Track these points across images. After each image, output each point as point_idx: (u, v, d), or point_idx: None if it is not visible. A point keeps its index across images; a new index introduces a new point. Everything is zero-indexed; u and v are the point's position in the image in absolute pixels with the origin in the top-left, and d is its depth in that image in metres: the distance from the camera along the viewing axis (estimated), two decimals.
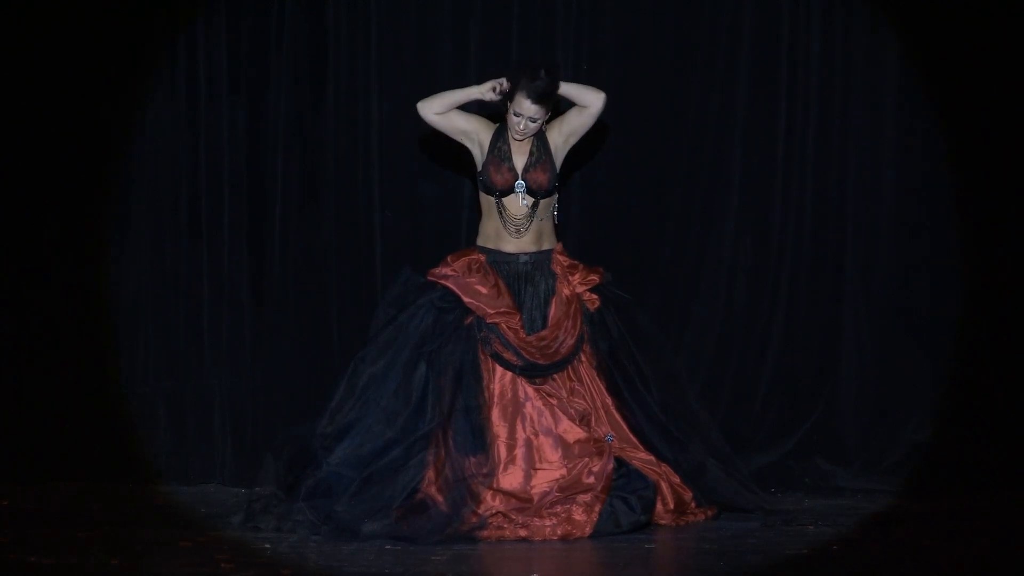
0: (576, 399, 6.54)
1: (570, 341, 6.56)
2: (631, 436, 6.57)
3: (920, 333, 7.60)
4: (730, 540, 6.11)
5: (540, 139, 6.64)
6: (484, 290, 6.55)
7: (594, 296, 6.67)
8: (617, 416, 6.59)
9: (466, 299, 6.54)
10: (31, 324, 7.57)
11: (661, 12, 7.65)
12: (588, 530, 6.22)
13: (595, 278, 6.70)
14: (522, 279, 6.66)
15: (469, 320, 6.53)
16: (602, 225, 7.65)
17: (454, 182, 7.60)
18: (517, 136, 6.59)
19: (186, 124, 7.62)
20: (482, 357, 6.49)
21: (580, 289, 6.65)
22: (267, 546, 5.95)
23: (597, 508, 6.24)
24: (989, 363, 7.50)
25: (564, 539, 6.17)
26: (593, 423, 6.51)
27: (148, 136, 7.62)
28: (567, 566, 5.78)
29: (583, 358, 6.62)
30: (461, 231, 7.58)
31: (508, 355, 6.47)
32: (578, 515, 6.23)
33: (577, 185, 7.58)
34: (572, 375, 6.60)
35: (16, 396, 7.54)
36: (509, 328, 6.49)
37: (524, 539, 6.17)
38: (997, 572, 5.62)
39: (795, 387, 7.65)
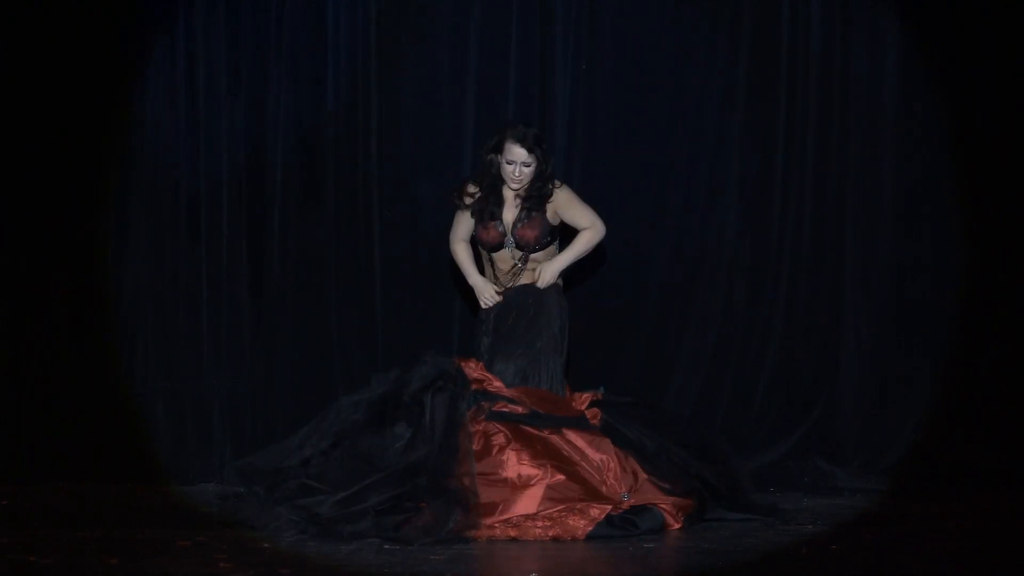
0: (592, 449, 6.47)
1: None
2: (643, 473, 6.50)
3: (919, 333, 7.60)
4: (730, 540, 6.11)
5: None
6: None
7: (595, 410, 6.63)
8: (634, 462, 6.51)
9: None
10: (31, 324, 7.56)
11: (661, 12, 7.65)
12: (581, 534, 6.18)
13: (588, 397, 6.68)
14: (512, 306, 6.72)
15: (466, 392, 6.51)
16: None
17: (453, 181, 7.60)
18: (514, 185, 6.69)
19: (185, 124, 7.62)
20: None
21: (581, 406, 6.65)
22: (266, 546, 5.95)
23: (595, 520, 6.21)
24: (988, 363, 7.50)
25: (555, 540, 6.14)
26: (610, 479, 6.41)
27: (147, 136, 7.62)
28: (566, 566, 5.77)
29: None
30: None
31: (509, 407, 6.44)
32: (573, 520, 6.20)
33: (577, 185, 7.56)
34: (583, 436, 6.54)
35: (16, 396, 7.54)
36: (491, 386, 6.49)
37: (514, 539, 6.14)
38: (997, 572, 5.61)
39: (795, 387, 7.65)
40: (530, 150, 6.62)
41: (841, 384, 7.63)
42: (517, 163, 6.63)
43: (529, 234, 6.71)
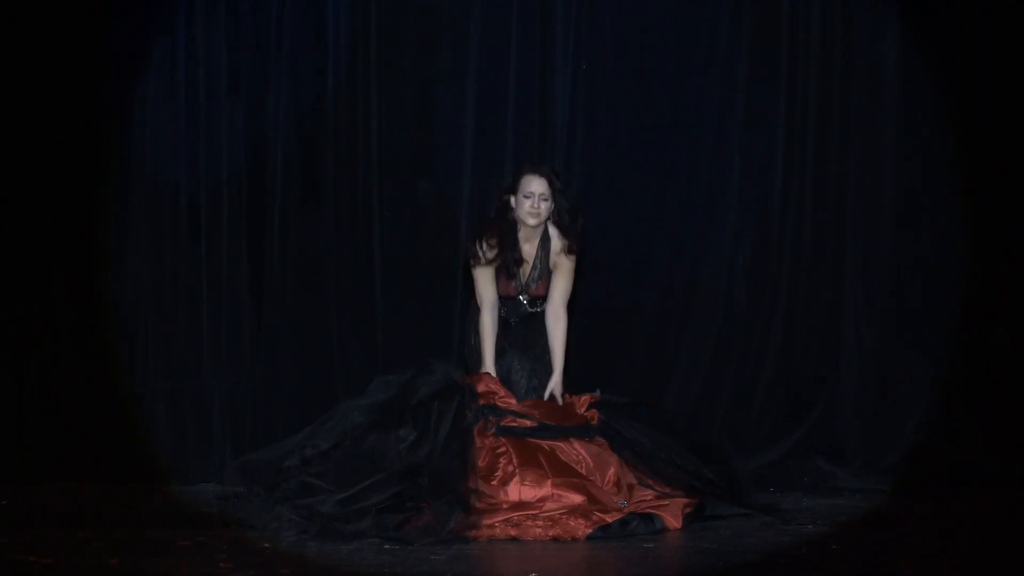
0: (594, 460, 6.47)
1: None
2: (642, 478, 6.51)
3: (919, 333, 7.60)
4: (730, 540, 6.10)
5: (544, 251, 6.72)
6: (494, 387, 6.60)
7: (593, 412, 6.63)
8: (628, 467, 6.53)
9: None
10: (31, 325, 7.57)
11: (661, 12, 7.65)
12: (581, 535, 6.17)
13: (587, 399, 6.69)
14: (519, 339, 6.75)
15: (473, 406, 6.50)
16: (602, 226, 7.64)
17: (453, 181, 7.62)
18: (531, 221, 6.66)
19: (186, 124, 7.62)
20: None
21: (580, 409, 6.66)
22: (266, 546, 5.95)
23: (595, 523, 6.21)
24: (988, 363, 7.50)
25: (555, 540, 6.14)
26: (610, 491, 6.41)
27: (147, 136, 7.62)
28: (566, 566, 5.77)
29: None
30: (460, 230, 7.58)
31: (518, 421, 6.43)
32: (574, 521, 6.19)
33: (577, 186, 7.58)
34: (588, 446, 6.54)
35: (16, 396, 7.54)
36: (501, 401, 6.49)
37: (514, 539, 6.13)
38: (997, 572, 5.61)
39: (795, 387, 7.65)
40: (549, 180, 6.63)
41: (841, 384, 7.63)
42: (535, 195, 6.63)
43: (541, 291, 6.75)
